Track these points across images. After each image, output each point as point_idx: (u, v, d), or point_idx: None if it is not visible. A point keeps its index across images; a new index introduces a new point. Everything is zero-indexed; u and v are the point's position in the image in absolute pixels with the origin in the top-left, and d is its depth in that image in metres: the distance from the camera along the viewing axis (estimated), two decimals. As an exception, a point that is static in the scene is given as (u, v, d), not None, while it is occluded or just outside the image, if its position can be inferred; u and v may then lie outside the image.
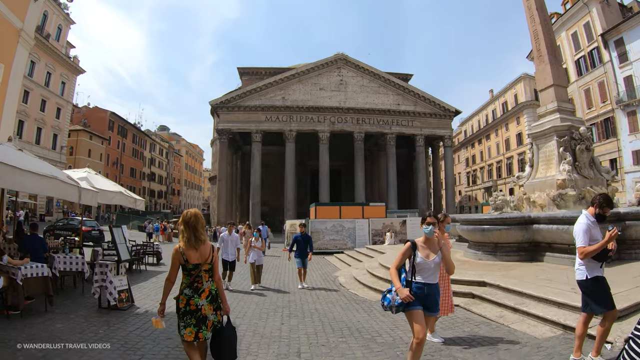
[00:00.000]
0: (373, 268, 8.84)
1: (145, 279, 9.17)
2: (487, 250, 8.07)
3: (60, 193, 6.59)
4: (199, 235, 3.08)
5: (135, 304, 6.30)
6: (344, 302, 6.76)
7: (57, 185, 6.04)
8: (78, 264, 7.38)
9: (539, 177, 10.18)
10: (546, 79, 10.92)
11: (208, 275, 3.10)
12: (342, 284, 8.52)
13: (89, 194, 7.24)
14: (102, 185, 8.54)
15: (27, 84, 29.90)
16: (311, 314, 5.94)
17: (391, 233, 14.94)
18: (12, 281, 5.12)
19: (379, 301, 6.51)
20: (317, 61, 33.12)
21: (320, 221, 16.36)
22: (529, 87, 44.06)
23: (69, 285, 7.74)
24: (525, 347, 4.04)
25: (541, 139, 10.47)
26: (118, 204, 9.50)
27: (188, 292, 3.01)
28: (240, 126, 32.02)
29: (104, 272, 6.08)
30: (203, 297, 3.03)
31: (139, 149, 56.88)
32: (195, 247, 3.05)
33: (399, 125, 33.48)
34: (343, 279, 8.75)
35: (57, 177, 6.01)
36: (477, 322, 5.08)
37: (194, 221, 3.09)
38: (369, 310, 6.07)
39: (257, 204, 31.03)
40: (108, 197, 8.53)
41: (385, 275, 7.80)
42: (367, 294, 7.25)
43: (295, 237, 8.72)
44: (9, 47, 10.32)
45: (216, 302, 3.12)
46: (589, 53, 30.20)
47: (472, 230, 8.19)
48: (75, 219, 21.03)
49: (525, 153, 43.49)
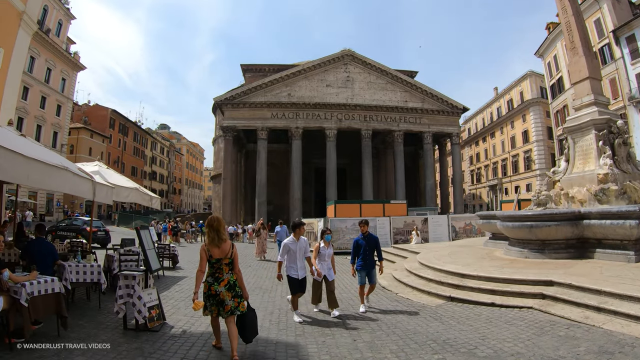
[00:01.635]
0: (415, 269, 8.26)
1: (166, 287, 7.99)
2: (533, 248, 7.60)
3: (72, 188, 5.40)
4: (220, 235, 3.86)
5: (166, 322, 5.20)
6: (404, 309, 6.07)
7: (69, 179, 5.02)
8: (93, 273, 6.18)
9: (576, 172, 9.71)
10: (581, 72, 10.49)
11: (228, 268, 3.90)
12: (386, 287, 7.83)
13: (103, 189, 6.36)
14: (117, 180, 7.61)
15: (27, 80, 29.21)
16: (379, 326, 5.17)
17: (417, 232, 14.36)
18: (14, 302, 3.96)
19: (440, 306, 6.02)
20: (323, 57, 32.55)
21: (341, 220, 15.75)
22: (535, 84, 43.69)
23: (81, 298, 6.47)
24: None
25: (577, 133, 9.99)
26: (133, 202, 8.54)
27: (210, 280, 3.85)
28: (245, 123, 31.43)
29: (130, 286, 4.91)
30: (222, 285, 3.81)
31: (140, 147, 56.17)
32: (217, 245, 3.84)
33: (407, 123, 32.97)
34: (384, 281, 8.14)
35: (68, 168, 5.04)
36: (564, 325, 4.58)
37: (217, 224, 3.89)
38: (438, 318, 5.41)
39: (263, 203, 30.47)
40: (123, 194, 7.56)
41: (434, 276, 7.25)
42: (421, 298, 6.62)
43: (357, 242, 6.16)
44: (10, 30, 9.69)
45: (234, 290, 3.84)
46: (600, 50, 29.75)
47: (517, 227, 7.70)
48: (79, 218, 19.84)
49: (531, 151, 43.22)
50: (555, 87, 35.80)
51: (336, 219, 16.00)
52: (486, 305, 5.58)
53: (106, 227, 18.18)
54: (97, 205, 44.10)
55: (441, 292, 6.43)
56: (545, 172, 15.55)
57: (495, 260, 7.92)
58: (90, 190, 5.84)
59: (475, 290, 6.12)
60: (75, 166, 6.06)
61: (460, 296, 6.09)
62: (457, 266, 7.38)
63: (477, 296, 5.95)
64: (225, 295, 3.77)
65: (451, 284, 6.61)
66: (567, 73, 33.03)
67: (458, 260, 8.37)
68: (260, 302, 6.75)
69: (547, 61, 36.83)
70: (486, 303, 5.59)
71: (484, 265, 7.24)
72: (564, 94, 33.89)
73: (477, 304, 5.79)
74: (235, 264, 3.97)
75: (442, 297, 6.32)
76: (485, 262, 7.67)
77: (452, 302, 6.10)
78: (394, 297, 7.01)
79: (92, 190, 5.87)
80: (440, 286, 6.77)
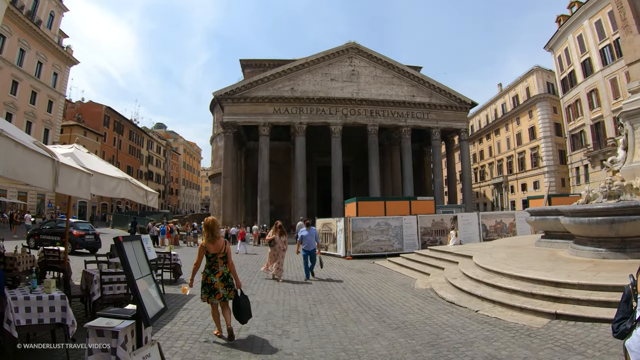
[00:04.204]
0: (484, 277, 6.73)
1: (169, 315, 5.68)
2: (612, 247, 6.37)
3: (14, 168, 3.03)
4: (215, 234, 4.66)
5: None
6: (509, 338, 4.48)
7: (10, 152, 2.90)
8: (55, 310, 3.85)
9: (637, 160, 8.51)
10: (636, 51, 9.30)
11: (222, 262, 4.65)
12: (456, 303, 6.28)
13: (74, 176, 4.09)
14: (98, 167, 5.43)
15: (16, 73, 27.71)
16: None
17: (456, 231, 12.59)
18: None
19: (548, 327, 4.49)
20: (327, 50, 31.28)
21: (364, 219, 13.93)
22: (542, 79, 42.66)
23: (36, 354, 3.95)
24: None
25: (637, 118, 8.79)
26: (122, 197, 6.10)
27: (207, 272, 4.62)
28: (246, 119, 30.07)
29: (109, 348, 2.73)
30: (217, 276, 4.58)
31: (136, 146, 54.54)
32: (212, 242, 4.64)
33: (414, 118, 31.77)
34: (449, 294, 6.61)
35: (4, 131, 2.85)
36: None
37: (212, 225, 4.68)
38: (569, 348, 3.98)
39: (266, 202, 29.12)
40: (108, 186, 5.37)
41: (516, 286, 5.83)
42: (515, 317, 5.13)
43: None
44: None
45: (227, 281, 4.61)
46: (615, 42, 28.67)
47: (594, 224, 6.44)
48: (65, 220, 17.34)
49: (539, 147, 42.19)
50: (566, 81, 34.76)
51: (359, 218, 14.23)
52: (609, 322, 4.29)
53: (96, 229, 15.66)
54: (91, 206, 42.63)
55: (538, 308, 5.14)
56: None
57: (571, 263, 6.62)
58: (50, 175, 3.53)
59: (583, 303, 4.87)
60: (29, 137, 3.87)
61: (568, 312, 4.83)
62: (538, 272, 6.02)
63: (592, 311, 4.70)
64: (219, 285, 4.51)
65: (546, 295, 5.33)
66: (580, 67, 31.97)
67: (527, 264, 6.97)
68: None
69: (558, 55, 35.79)
70: (609, 319, 4.32)
71: (573, 270, 5.88)
72: (576, 88, 32.87)
73: (595, 321, 4.53)
74: (228, 258, 4.71)
75: (543, 315, 5.00)
76: (565, 266, 6.35)
77: (561, 321, 4.81)
78: (478, 317, 5.44)
79: (52, 175, 3.57)
80: (531, 299, 5.44)
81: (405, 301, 6.91)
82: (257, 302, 6.78)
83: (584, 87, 31.73)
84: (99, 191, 5.16)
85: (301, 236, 9.79)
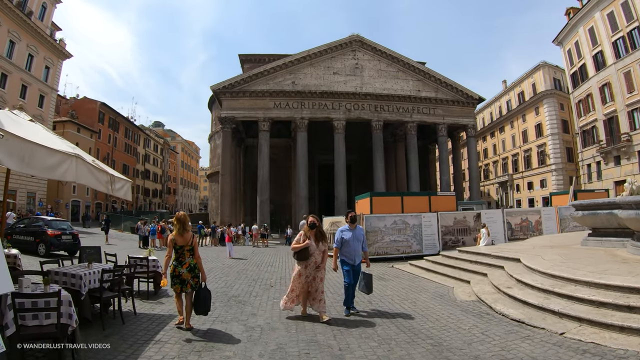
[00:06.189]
0: (553, 285, 5.45)
1: (137, 342, 4.40)
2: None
3: None
4: (185, 227, 4.96)
5: None
6: None
7: None
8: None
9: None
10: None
11: (189, 254, 4.96)
12: (524, 322, 4.98)
13: None
14: (37, 136, 3.72)
15: (4, 65, 26.46)
16: None
17: (488, 230, 11.03)
18: None
19: None
20: (330, 43, 30.11)
21: (379, 217, 12.47)
22: (549, 75, 41.58)
23: None
24: None
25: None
26: (73, 180, 4.39)
27: (175, 263, 4.92)
28: (245, 114, 28.86)
29: None
30: (184, 267, 4.87)
31: (132, 144, 53.21)
32: (181, 235, 4.93)
33: (420, 113, 30.62)
34: (511, 310, 5.33)
35: None
36: None
37: (183, 219, 4.99)
38: None
39: (266, 201, 27.91)
40: (43, 162, 3.57)
41: (601, 297, 4.61)
42: (617, 341, 3.92)
43: None
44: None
45: (194, 272, 4.92)
46: (629, 34, 27.62)
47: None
48: (41, 218, 14.29)
49: (546, 145, 41.04)
50: (576, 75, 33.66)
51: (373, 216, 12.72)
52: None
53: (74, 229, 13.86)
54: (84, 205, 41.33)
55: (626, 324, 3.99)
56: None
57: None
58: None
59: None
60: None
61: None
62: (627, 278, 4.78)
63: None
64: (186, 275, 4.85)
65: None
66: (592, 60, 30.89)
67: (594, 267, 5.70)
68: None
69: (567, 48, 34.70)
70: None
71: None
72: (587, 82, 31.77)
73: None
74: (195, 251, 5.02)
75: None
76: None
77: None
78: (570, 344, 4.13)
79: None
80: (629, 314, 4.24)
81: (456, 320, 5.50)
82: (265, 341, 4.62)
83: (595, 81, 30.64)
84: (26, 167, 3.44)
85: (341, 239, 6.06)
